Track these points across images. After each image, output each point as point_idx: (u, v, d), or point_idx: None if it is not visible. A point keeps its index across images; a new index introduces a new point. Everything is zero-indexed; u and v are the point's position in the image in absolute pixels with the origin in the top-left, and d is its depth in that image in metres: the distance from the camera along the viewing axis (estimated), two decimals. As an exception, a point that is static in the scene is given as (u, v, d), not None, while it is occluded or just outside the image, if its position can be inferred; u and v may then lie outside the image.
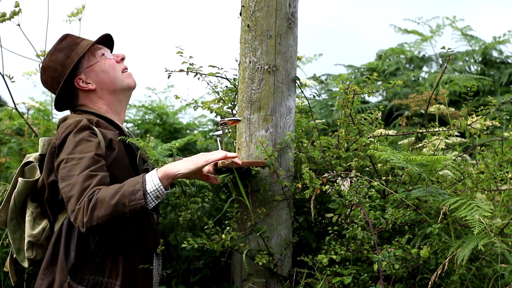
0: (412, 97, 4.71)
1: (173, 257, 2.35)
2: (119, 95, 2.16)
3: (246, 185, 2.20)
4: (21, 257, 2.07)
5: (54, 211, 2.01)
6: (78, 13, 3.10)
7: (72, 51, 2.12)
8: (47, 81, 2.17)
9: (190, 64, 2.41)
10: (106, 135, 2.00)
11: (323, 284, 2.07)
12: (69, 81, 2.12)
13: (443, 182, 2.24)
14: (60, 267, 1.91)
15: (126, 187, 1.80)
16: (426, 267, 2.09)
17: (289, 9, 2.24)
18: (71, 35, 2.18)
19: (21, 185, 2.03)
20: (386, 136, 2.49)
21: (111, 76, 2.15)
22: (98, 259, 1.93)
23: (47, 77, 2.15)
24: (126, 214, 1.76)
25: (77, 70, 2.13)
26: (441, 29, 6.36)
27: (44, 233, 2.02)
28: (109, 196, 1.77)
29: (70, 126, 1.96)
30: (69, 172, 1.85)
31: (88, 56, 2.16)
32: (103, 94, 2.14)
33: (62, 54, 2.13)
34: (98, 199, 1.77)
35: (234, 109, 2.50)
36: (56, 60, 2.12)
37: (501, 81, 5.82)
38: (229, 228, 2.09)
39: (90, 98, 2.14)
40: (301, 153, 2.27)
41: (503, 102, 2.45)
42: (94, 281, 1.91)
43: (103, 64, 2.15)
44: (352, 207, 2.11)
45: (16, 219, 2.06)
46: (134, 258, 1.98)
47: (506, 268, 2.05)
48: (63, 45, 2.15)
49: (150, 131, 5.17)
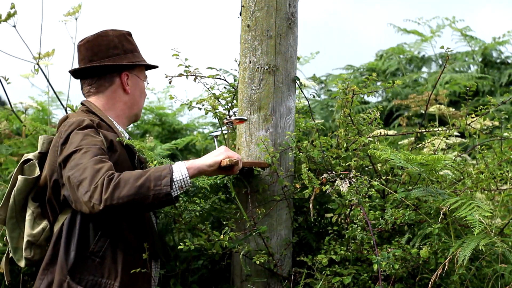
0: (412, 97, 4.71)
1: (171, 257, 2.35)
2: (128, 114, 2.21)
3: (246, 185, 2.20)
4: (18, 256, 2.07)
5: (55, 212, 2.00)
6: (74, 12, 3.09)
7: (136, 52, 2.18)
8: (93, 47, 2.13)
9: (186, 66, 2.40)
10: (107, 137, 2.00)
11: (323, 284, 2.07)
12: (116, 64, 2.12)
13: (443, 182, 2.24)
14: (59, 267, 1.91)
15: (152, 172, 1.81)
16: (426, 267, 2.09)
17: (289, 9, 2.24)
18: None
19: (21, 183, 2.03)
20: (386, 136, 2.49)
21: (139, 101, 2.23)
22: (98, 260, 1.93)
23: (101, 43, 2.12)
24: (149, 198, 1.76)
25: (131, 67, 2.16)
26: (441, 29, 6.36)
27: (44, 233, 2.02)
28: (133, 178, 1.78)
29: (73, 124, 1.97)
30: (78, 161, 1.84)
31: (142, 68, 2.22)
32: (125, 104, 2.18)
33: (129, 44, 2.17)
34: (121, 179, 1.77)
35: (232, 110, 2.50)
36: (120, 41, 2.15)
37: (501, 82, 5.82)
38: (227, 228, 2.08)
39: (115, 98, 2.16)
40: (300, 153, 2.27)
41: (502, 102, 2.45)
42: (93, 281, 1.91)
43: (143, 87, 2.24)
44: (351, 207, 2.11)
45: (16, 217, 2.05)
46: (133, 260, 1.98)
47: (506, 268, 2.05)
48: (131, 39, 2.20)
49: (150, 132, 5.17)
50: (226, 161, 1.89)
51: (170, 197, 1.79)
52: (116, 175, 1.79)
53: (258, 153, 2.19)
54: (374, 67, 6.49)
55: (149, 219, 2.09)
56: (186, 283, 2.34)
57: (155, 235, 2.12)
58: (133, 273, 1.96)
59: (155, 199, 1.77)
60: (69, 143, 1.92)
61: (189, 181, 1.84)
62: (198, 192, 2.36)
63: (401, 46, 6.65)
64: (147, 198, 1.76)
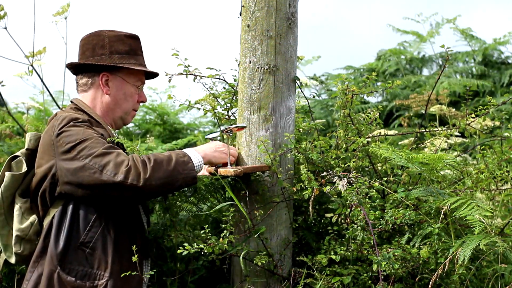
0: (413, 98, 4.71)
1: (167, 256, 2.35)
2: (111, 116, 2.22)
3: (244, 187, 2.20)
4: (8, 253, 2.08)
5: (45, 205, 2.01)
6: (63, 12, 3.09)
7: (131, 56, 2.18)
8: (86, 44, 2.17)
9: (185, 66, 2.41)
10: (98, 132, 2.03)
11: (323, 284, 2.07)
12: (94, 67, 2.15)
13: (443, 182, 2.24)
14: (49, 258, 1.93)
15: (176, 157, 1.97)
16: (426, 267, 2.09)
17: (289, 9, 2.24)
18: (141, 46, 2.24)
19: (8, 179, 2.04)
20: (386, 136, 2.49)
21: (124, 105, 2.22)
22: (88, 251, 1.95)
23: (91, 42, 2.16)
24: (179, 181, 1.95)
25: (114, 68, 2.16)
26: (440, 27, 6.36)
27: (33, 227, 2.03)
28: (166, 161, 1.94)
29: (66, 118, 2.00)
30: (90, 150, 1.91)
31: (132, 72, 2.20)
32: (108, 105, 2.19)
33: (122, 45, 2.17)
34: (156, 161, 1.92)
35: (230, 110, 2.50)
36: (110, 41, 2.16)
37: (501, 82, 5.81)
38: (226, 231, 2.08)
39: (98, 97, 2.19)
40: (299, 154, 2.27)
41: (503, 102, 2.45)
42: (83, 272, 1.94)
43: (131, 91, 2.22)
44: (352, 207, 2.11)
45: (4, 214, 2.07)
46: (123, 252, 2.00)
47: (506, 268, 2.05)
48: (131, 41, 2.19)
49: (151, 131, 5.18)
50: (211, 169, 2.11)
51: (195, 180, 1.99)
52: (148, 157, 1.92)
53: (258, 153, 2.19)
54: (374, 67, 6.49)
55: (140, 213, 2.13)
56: (185, 283, 2.34)
57: (145, 230, 2.16)
58: (122, 264, 1.98)
59: (184, 181, 1.96)
60: (68, 136, 1.95)
61: (203, 165, 2.06)
62: (195, 192, 2.36)
63: (401, 45, 6.65)
64: (177, 181, 1.94)
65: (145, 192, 1.89)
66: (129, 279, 1.99)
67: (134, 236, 2.05)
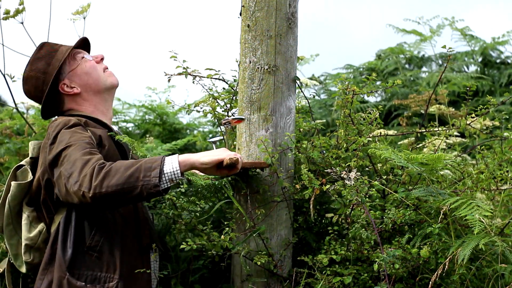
0: (412, 97, 4.71)
1: (172, 256, 2.35)
2: (103, 95, 2.21)
3: (244, 187, 2.20)
4: (18, 263, 2.08)
5: (50, 213, 2.02)
6: (83, 11, 3.09)
7: (52, 58, 2.16)
8: (30, 91, 2.19)
9: (184, 68, 2.41)
10: (95, 133, 2.03)
11: (323, 284, 2.07)
12: (53, 88, 2.15)
13: (443, 182, 2.24)
14: (58, 265, 1.93)
15: (143, 162, 1.82)
16: (426, 267, 2.09)
17: (289, 9, 2.24)
18: (48, 43, 2.21)
19: (15, 188, 2.05)
20: (386, 136, 2.49)
21: (94, 77, 2.19)
22: (96, 255, 1.95)
23: (30, 87, 2.17)
24: (137, 188, 1.77)
25: (60, 76, 2.16)
26: (440, 29, 6.36)
27: (41, 236, 2.03)
28: (124, 167, 1.79)
29: (59, 124, 2.01)
30: (68, 157, 1.86)
31: (69, 60, 2.20)
32: (88, 95, 2.18)
33: (42, 63, 2.16)
34: (112, 168, 1.79)
35: (230, 111, 2.50)
36: (37, 69, 2.15)
37: (500, 82, 5.82)
38: (228, 229, 2.09)
39: (76, 102, 2.18)
40: (300, 153, 2.27)
41: (502, 102, 2.45)
42: (92, 276, 1.93)
43: (85, 66, 2.20)
44: (353, 206, 2.11)
45: (12, 224, 2.07)
46: (131, 253, 2.00)
47: (506, 268, 2.05)
48: (42, 53, 2.18)
49: (150, 131, 5.17)
50: (227, 159, 1.89)
51: (158, 188, 1.79)
52: (108, 164, 1.81)
53: (258, 153, 2.19)
54: (373, 66, 6.49)
55: (144, 211, 2.11)
56: (187, 283, 2.34)
57: (152, 228, 2.15)
58: (131, 265, 1.97)
59: (143, 189, 1.77)
60: (57, 142, 1.94)
61: (179, 174, 1.84)
62: (197, 192, 2.36)
63: (400, 45, 6.66)
64: (135, 189, 1.77)
65: (96, 201, 1.77)
66: (139, 279, 1.99)
67: (140, 234, 2.04)
